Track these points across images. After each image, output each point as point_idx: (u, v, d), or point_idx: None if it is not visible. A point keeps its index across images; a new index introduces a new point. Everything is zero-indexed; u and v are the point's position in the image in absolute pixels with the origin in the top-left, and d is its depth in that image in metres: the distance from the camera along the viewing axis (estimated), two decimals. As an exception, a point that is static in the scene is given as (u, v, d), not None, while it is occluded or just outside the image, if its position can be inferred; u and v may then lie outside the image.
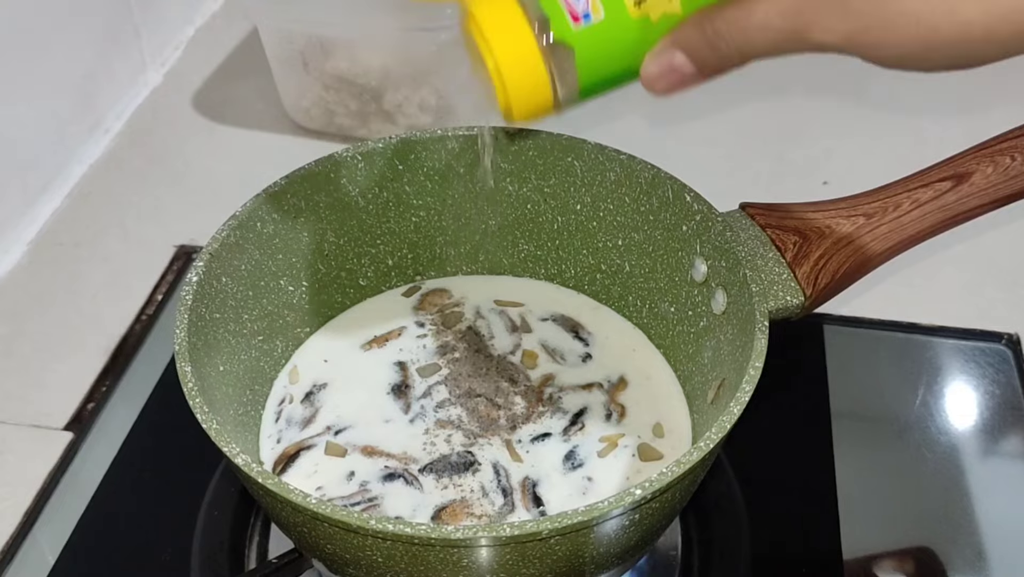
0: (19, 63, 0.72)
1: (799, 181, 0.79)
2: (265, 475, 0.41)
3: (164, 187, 0.80)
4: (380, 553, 0.42)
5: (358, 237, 0.59)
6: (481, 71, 0.41)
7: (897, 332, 0.68)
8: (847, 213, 0.52)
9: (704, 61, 0.39)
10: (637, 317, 0.60)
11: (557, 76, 0.39)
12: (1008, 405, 0.63)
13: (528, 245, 0.61)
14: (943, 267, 0.71)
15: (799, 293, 0.49)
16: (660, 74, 0.40)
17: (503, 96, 0.41)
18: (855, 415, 0.63)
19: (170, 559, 0.55)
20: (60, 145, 0.78)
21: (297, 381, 0.57)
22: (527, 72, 0.39)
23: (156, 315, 0.69)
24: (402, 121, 0.81)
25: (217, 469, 0.59)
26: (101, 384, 0.65)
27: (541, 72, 0.39)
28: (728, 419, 0.42)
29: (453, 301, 0.61)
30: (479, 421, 0.54)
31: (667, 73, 0.40)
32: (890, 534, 0.57)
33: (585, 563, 0.44)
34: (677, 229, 0.54)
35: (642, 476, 0.51)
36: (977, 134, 0.54)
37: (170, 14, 0.92)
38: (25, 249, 0.74)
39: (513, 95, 0.40)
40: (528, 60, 0.39)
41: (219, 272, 0.51)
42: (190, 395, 0.44)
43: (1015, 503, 0.59)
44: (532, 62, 0.39)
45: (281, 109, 0.85)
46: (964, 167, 0.52)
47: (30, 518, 0.58)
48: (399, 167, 0.58)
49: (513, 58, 0.39)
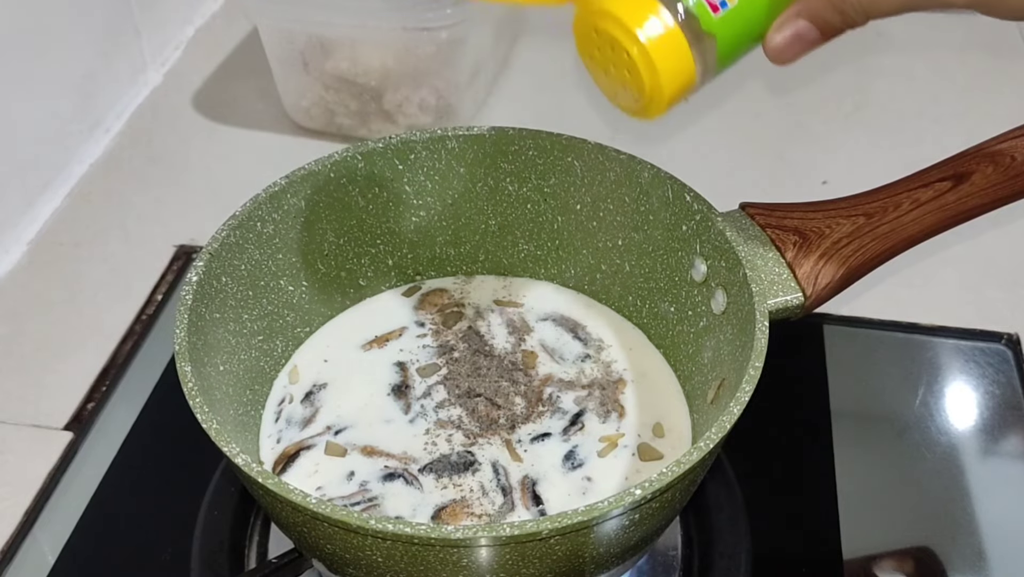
0: (19, 63, 0.72)
1: (799, 181, 0.79)
2: (265, 475, 0.41)
3: (164, 187, 0.80)
4: (380, 553, 0.42)
5: (358, 237, 0.59)
6: (613, 68, 0.43)
7: (897, 332, 0.68)
8: (847, 213, 0.52)
9: (829, 25, 0.41)
10: (637, 317, 0.60)
11: (699, 61, 0.42)
12: (1008, 405, 0.63)
13: (528, 245, 0.61)
14: (943, 267, 0.71)
15: (799, 293, 0.50)
16: (787, 44, 0.42)
17: (654, 84, 0.42)
18: (855, 415, 0.63)
19: (170, 559, 0.55)
20: (60, 145, 0.78)
21: (297, 381, 0.57)
22: (677, 63, 0.42)
23: (156, 315, 0.69)
24: (402, 121, 0.81)
25: (217, 469, 0.59)
26: (101, 384, 0.65)
27: (689, 61, 0.42)
28: (728, 419, 0.42)
29: (453, 301, 0.61)
30: (479, 421, 0.54)
31: (793, 42, 0.42)
32: (890, 534, 0.57)
33: (585, 563, 0.44)
34: (677, 229, 0.54)
35: (642, 476, 0.51)
36: (977, 134, 0.54)
37: (170, 14, 0.92)
38: (25, 249, 0.74)
39: (666, 84, 0.42)
40: (678, 51, 0.41)
41: (219, 272, 0.51)
42: (190, 395, 0.44)
43: (1015, 503, 0.59)
44: (681, 53, 0.41)
45: (281, 109, 0.85)
46: (964, 167, 0.52)
47: (30, 518, 0.58)
48: (399, 167, 0.58)
49: (665, 50, 0.41)
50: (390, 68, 0.79)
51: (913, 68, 0.90)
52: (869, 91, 0.88)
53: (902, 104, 0.87)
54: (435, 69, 0.78)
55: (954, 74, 0.90)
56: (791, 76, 0.89)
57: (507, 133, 0.57)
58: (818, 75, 0.89)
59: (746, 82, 0.86)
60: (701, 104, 0.61)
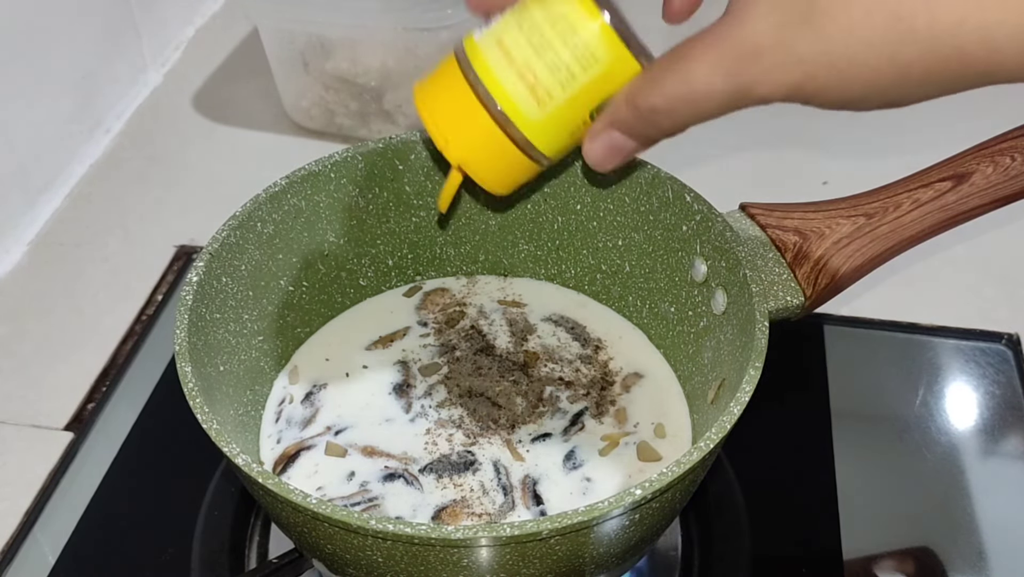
0: (19, 63, 0.72)
1: (799, 181, 0.79)
2: (265, 475, 0.41)
3: (164, 187, 0.80)
4: (380, 553, 0.42)
5: (358, 237, 0.59)
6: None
7: (897, 332, 0.68)
8: (847, 213, 0.52)
9: (644, 136, 0.39)
10: (637, 317, 0.60)
11: (529, 153, 0.41)
12: (1008, 405, 0.63)
13: (528, 245, 0.61)
14: (943, 267, 0.71)
15: (799, 293, 0.50)
16: (603, 155, 0.41)
17: (480, 180, 0.43)
18: (855, 415, 0.63)
19: (170, 559, 0.55)
20: (60, 145, 0.78)
21: (297, 381, 0.57)
22: (496, 164, 0.42)
23: (156, 315, 0.69)
24: (402, 121, 0.81)
25: (217, 469, 0.59)
26: (101, 384, 0.65)
27: (511, 160, 0.41)
28: (728, 419, 0.42)
29: (455, 300, 0.62)
30: (480, 421, 0.54)
31: (609, 153, 0.40)
32: (890, 534, 0.57)
33: (585, 563, 0.44)
34: (677, 229, 0.54)
35: (642, 476, 0.51)
36: (977, 134, 0.54)
37: (170, 14, 0.92)
38: (25, 249, 0.74)
39: (489, 180, 0.43)
40: (494, 153, 0.41)
41: (219, 272, 0.51)
42: (190, 395, 0.44)
43: (1015, 503, 0.59)
44: (500, 153, 0.41)
45: (281, 109, 0.85)
46: (964, 167, 0.52)
47: (30, 518, 0.58)
48: (399, 167, 0.58)
49: (478, 156, 0.42)
50: (390, 68, 0.79)
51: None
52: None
53: (902, 104, 0.87)
54: (435, 69, 0.78)
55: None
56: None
57: None
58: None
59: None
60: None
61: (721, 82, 0.35)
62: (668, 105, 0.37)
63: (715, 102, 0.36)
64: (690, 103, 0.36)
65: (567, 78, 0.38)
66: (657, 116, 0.38)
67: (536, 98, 0.39)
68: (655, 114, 0.38)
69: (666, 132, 0.39)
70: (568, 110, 0.39)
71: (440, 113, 0.41)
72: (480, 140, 0.40)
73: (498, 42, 0.39)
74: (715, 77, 0.35)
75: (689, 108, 0.37)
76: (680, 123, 0.38)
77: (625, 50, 0.38)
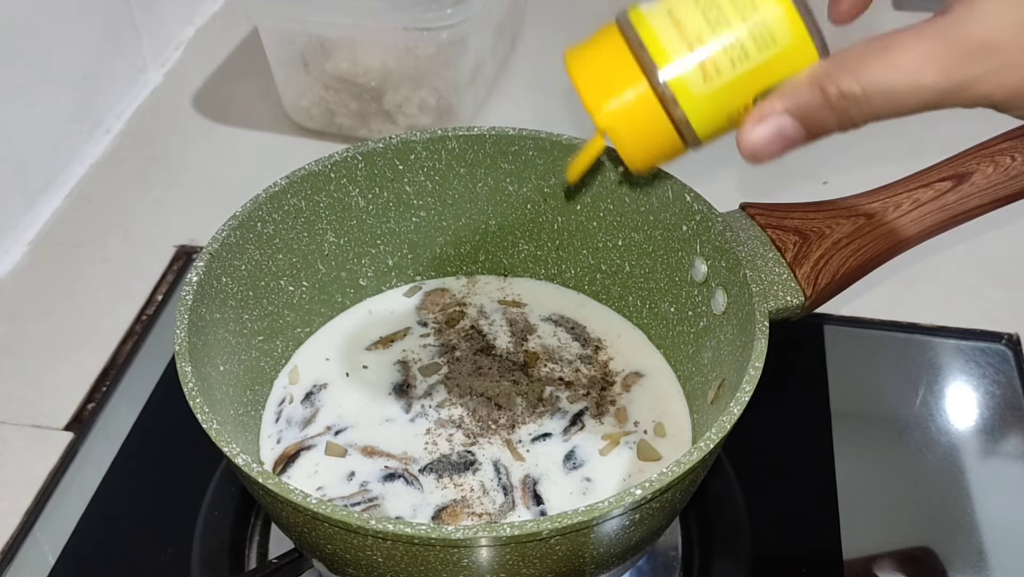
0: (19, 63, 0.72)
1: (799, 181, 0.79)
2: (265, 475, 0.41)
3: (164, 187, 0.80)
4: (380, 553, 0.42)
5: (358, 237, 0.59)
6: None
7: (897, 332, 0.68)
8: (847, 213, 0.52)
9: (821, 126, 0.35)
10: (637, 317, 0.60)
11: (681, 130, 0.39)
12: (1008, 405, 0.63)
13: (528, 245, 0.61)
14: (943, 267, 0.71)
15: (799, 293, 0.50)
16: (765, 142, 0.36)
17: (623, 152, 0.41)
18: (855, 415, 0.63)
19: (170, 559, 0.55)
20: (60, 145, 0.78)
21: (297, 381, 0.57)
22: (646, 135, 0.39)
23: (156, 315, 0.69)
24: (402, 121, 0.81)
25: (217, 469, 0.59)
26: (101, 384, 0.65)
27: (663, 132, 0.39)
28: (728, 419, 0.42)
29: (456, 300, 0.62)
30: (480, 421, 0.54)
31: (773, 141, 0.36)
32: (890, 534, 0.57)
33: (585, 563, 0.44)
34: (677, 229, 0.54)
35: (642, 476, 0.51)
36: (977, 134, 0.54)
37: (170, 14, 0.92)
38: (25, 249, 0.74)
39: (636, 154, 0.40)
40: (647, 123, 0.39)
41: (219, 272, 0.51)
42: (190, 395, 0.44)
43: (1015, 503, 0.59)
44: (653, 124, 0.39)
45: (281, 109, 0.85)
46: (964, 167, 0.52)
47: (30, 518, 0.58)
48: (399, 167, 0.58)
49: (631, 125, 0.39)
50: (390, 68, 0.79)
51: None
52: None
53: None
54: (435, 69, 0.78)
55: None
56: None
57: (507, 133, 0.57)
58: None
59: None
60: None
61: (934, 76, 0.33)
62: (864, 93, 0.34)
63: (920, 98, 0.33)
64: (890, 94, 0.33)
65: (740, 56, 0.36)
66: (847, 104, 0.34)
67: (703, 72, 0.37)
68: (845, 101, 0.34)
69: (849, 124, 0.35)
70: (733, 90, 0.37)
71: (595, 76, 0.39)
72: (633, 109, 0.38)
73: (668, 12, 0.37)
74: (928, 70, 0.33)
75: (887, 100, 0.34)
76: (871, 115, 0.34)
77: (807, 35, 0.36)
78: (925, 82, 0.33)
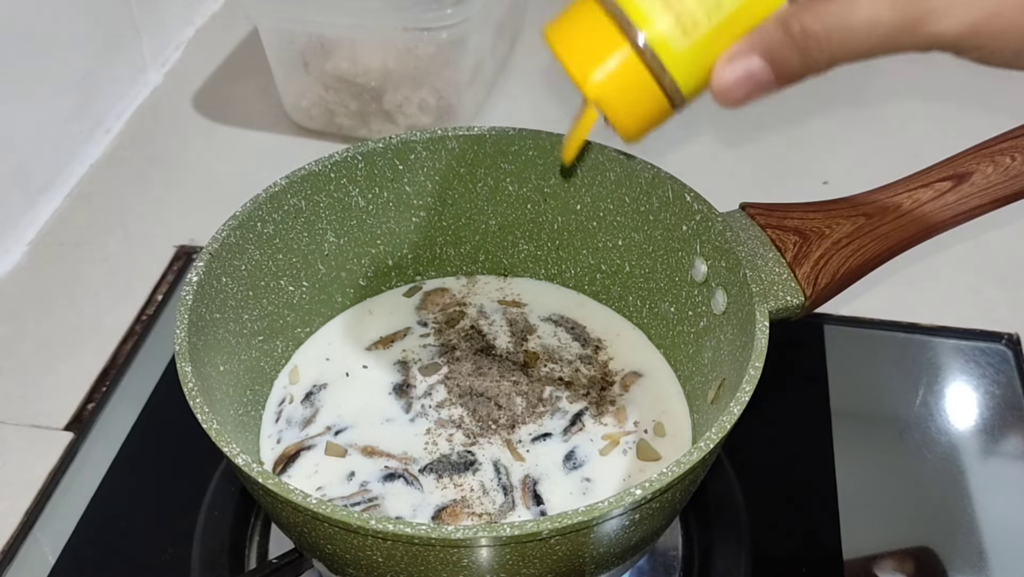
0: (19, 63, 0.72)
1: (799, 181, 0.79)
2: (265, 475, 0.41)
3: (164, 187, 0.80)
4: (380, 553, 0.42)
5: (358, 237, 0.59)
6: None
7: (897, 332, 0.68)
8: (847, 213, 0.52)
9: (787, 67, 0.36)
10: (637, 317, 0.60)
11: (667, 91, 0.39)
12: (1008, 405, 0.63)
13: (528, 245, 0.61)
14: (943, 267, 0.71)
15: (799, 293, 0.50)
16: (736, 82, 0.37)
17: (615, 120, 0.41)
18: (855, 415, 0.63)
19: (170, 559, 0.55)
20: (60, 145, 0.78)
21: (297, 381, 0.57)
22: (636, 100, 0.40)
23: (156, 315, 0.69)
24: (402, 121, 0.81)
25: (217, 469, 0.59)
26: (101, 384, 0.65)
27: (651, 96, 0.39)
28: (728, 419, 0.42)
29: (455, 300, 0.62)
30: (480, 421, 0.54)
31: (743, 81, 0.37)
32: (890, 534, 0.57)
33: (585, 563, 0.44)
34: (677, 229, 0.54)
35: (642, 476, 0.51)
36: (977, 134, 0.54)
37: (170, 14, 0.92)
38: (25, 249, 0.74)
39: (627, 120, 0.40)
40: (636, 87, 0.39)
41: (219, 272, 0.51)
42: (190, 395, 0.44)
43: (1015, 503, 0.59)
44: (641, 88, 0.39)
45: (281, 109, 0.85)
46: (964, 167, 0.52)
47: (30, 518, 0.58)
48: (399, 167, 0.58)
49: (620, 91, 0.39)
50: (390, 68, 0.79)
51: (913, 68, 0.90)
52: (869, 91, 0.88)
53: (902, 104, 0.87)
54: (435, 69, 0.78)
55: (954, 74, 0.90)
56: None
57: (507, 133, 0.57)
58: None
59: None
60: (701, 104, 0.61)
61: (888, 13, 0.33)
62: (825, 32, 0.35)
63: (876, 36, 0.34)
64: (848, 32, 0.34)
65: (714, 5, 0.37)
66: (809, 43, 0.35)
67: (681, 27, 0.37)
68: (807, 40, 0.35)
69: (812, 64, 0.36)
70: (711, 42, 0.38)
71: (577, 47, 0.39)
72: (619, 74, 0.39)
73: None
74: (881, 6, 0.33)
75: (846, 38, 0.34)
76: (832, 55, 0.35)
77: None
78: (881, 18, 0.33)
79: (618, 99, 0.39)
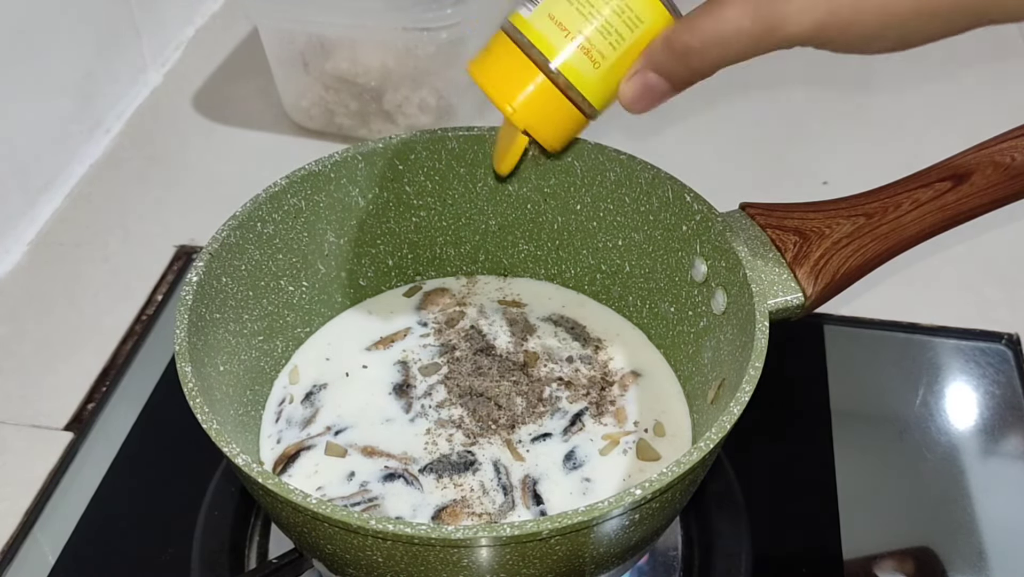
0: (19, 63, 0.72)
1: (799, 181, 0.79)
2: (265, 475, 0.41)
3: (164, 187, 0.80)
4: (380, 553, 0.42)
5: (358, 237, 0.59)
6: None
7: (897, 332, 0.68)
8: (847, 213, 0.52)
9: (677, 77, 0.42)
10: (637, 317, 0.60)
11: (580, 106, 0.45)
12: (1008, 405, 0.63)
13: (528, 245, 0.61)
14: (943, 267, 0.71)
15: (799, 293, 0.50)
16: (637, 95, 0.43)
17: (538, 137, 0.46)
18: (855, 415, 0.63)
19: (170, 559, 0.55)
20: (60, 145, 0.78)
21: (297, 381, 0.57)
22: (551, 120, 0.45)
23: (156, 315, 0.69)
24: (402, 121, 0.81)
25: (217, 469, 0.59)
26: (101, 384, 0.65)
27: (565, 114, 0.45)
28: (728, 419, 0.42)
29: (456, 300, 0.62)
30: (480, 421, 0.54)
31: (643, 94, 0.43)
32: (890, 534, 0.57)
33: (585, 563, 0.44)
34: (677, 229, 0.54)
35: (642, 476, 0.51)
36: (977, 134, 0.54)
37: (170, 14, 0.92)
38: (25, 249, 0.74)
39: (547, 137, 0.46)
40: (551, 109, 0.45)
41: (219, 272, 0.51)
42: (190, 395, 0.44)
43: (1015, 503, 0.59)
44: (556, 109, 0.45)
45: (281, 109, 0.85)
46: (964, 167, 0.52)
47: (30, 518, 0.58)
48: (399, 167, 0.58)
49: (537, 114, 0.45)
50: (390, 68, 0.79)
51: (913, 68, 0.90)
52: (869, 91, 0.88)
53: (902, 104, 0.87)
54: (435, 69, 0.78)
55: (954, 74, 0.90)
56: (791, 76, 0.89)
57: None
58: (818, 74, 0.89)
59: (746, 81, 0.86)
60: (701, 104, 0.61)
61: (750, 23, 0.38)
62: (701, 45, 0.40)
63: (743, 43, 0.39)
64: (721, 43, 0.39)
65: (617, 40, 0.43)
66: (690, 56, 0.41)
67: (591, 60, 0.43)
68: (688, 53, 0.41)
69: (697, 73, 0.41)
70: (618, 67, 0.44)
71: (499, 80, 0.45)
72: (538, 100, 0.44)
73: (549, 16, 0.44)
74: (744, 18, 0.38)
75: (720, 48, 0.40)
76: (710, 63, 0.41)
77: (664, 9, 0.43)
78: (745, 28, 0.39)
79: (539, 121, 0.45)
